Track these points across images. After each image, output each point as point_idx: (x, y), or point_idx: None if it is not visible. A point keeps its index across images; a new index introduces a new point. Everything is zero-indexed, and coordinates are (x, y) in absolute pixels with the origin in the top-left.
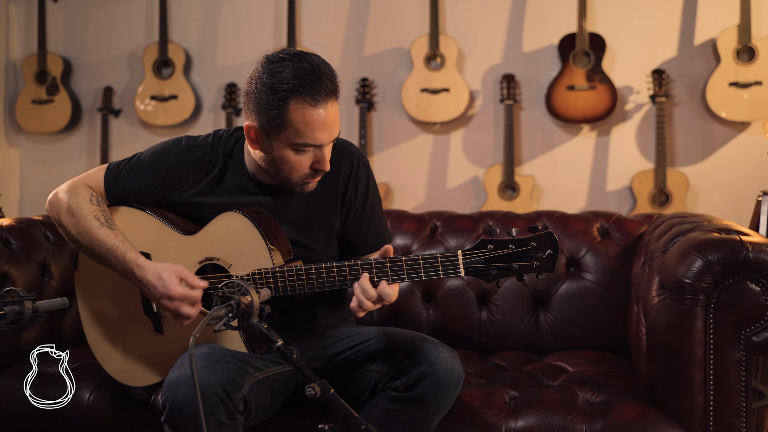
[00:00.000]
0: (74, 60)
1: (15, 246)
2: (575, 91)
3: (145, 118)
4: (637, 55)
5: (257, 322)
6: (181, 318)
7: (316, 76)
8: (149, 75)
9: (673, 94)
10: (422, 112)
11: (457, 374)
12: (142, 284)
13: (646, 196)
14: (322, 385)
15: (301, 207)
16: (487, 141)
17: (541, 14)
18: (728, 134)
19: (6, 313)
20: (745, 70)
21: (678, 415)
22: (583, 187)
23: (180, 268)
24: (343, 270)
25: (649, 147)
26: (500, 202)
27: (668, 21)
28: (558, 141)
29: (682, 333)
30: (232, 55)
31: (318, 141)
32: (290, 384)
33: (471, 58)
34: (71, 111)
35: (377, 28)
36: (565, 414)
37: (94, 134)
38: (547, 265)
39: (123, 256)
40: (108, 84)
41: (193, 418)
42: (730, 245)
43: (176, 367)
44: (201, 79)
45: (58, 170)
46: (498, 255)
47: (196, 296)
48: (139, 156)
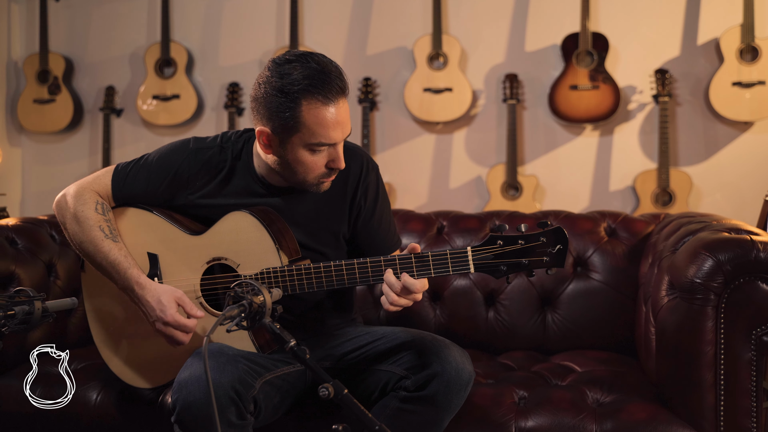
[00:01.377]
0: (76, 59)
1: (21, 246)
2: (578, 91)
3: (147, 117)
4: (640, 54)
5: (270, 322)
6: (173, 344)
7: (325, 75)
8: (151, 74)
9: (676, 93)
10: (425, 112)
11: (468, 374)
12: (140, 303)
13: (649, 196)
14: (335, 385)
15: (309, 210)
16: (489, 140)
17: (544, 14)
18: (731, 134)
19: (16, 313)
20: (748, 69)
21: (688, 415)
22: (586, 187)
23: (180, 294)
24: (352, 268)
25: (652, 147)
26: (503, 202)
27: (671, 20)
28: (561, 141)
29: (693, 333)
30: (235, 54)
31: (332, 139)
32: (299, 384)
33: (474, 57)
34: (73, 110)
35: (380, 27)
36: (575, 414)
37: (95, 134)
38: (558, 260)
39: (125, 272)
40: (110, 83)
41: (203, 418)
42: (741, 245)
43: (186, 367)
44: (203, 78)
45: (60, 170)
46: (507, 251)
47: (191, 326)
48: (147, 157)
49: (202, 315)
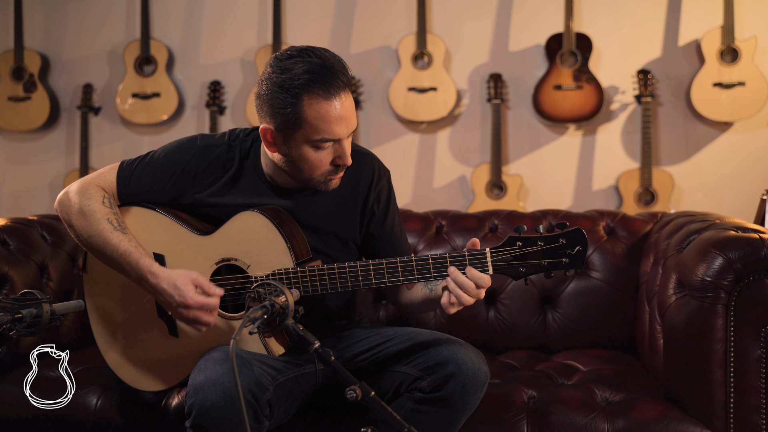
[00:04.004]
0: (52, 56)
1: (13, 247)
2: (562, 91)
3: (126, 116)
4: (623, 55)
5: (293, 324)
6: (199, 326)
7: (326, 69)
8: (131, 72)
9: (658, 94)
10: (410, 111)
11: (484, 374)
12: (156, 292)
13: (632, 195)
14: (362, 387)
15: (318, 212)
16: (473, 140)
17: (528, 14)
18: (712, 134)
19: (23, 317)
20: (728, 70)
21: (699, 413)
22: (569, 187)
23: (195, 275)
24: (367, 269)
25: (634, 146)
26: (488, 202)
27: (653, 22)
28: (545, 140)
29: (703, 331)
30: (216, 52)
31: (336, 135)
32: (308, 387)
33: (458, 57)
34: (49, 109)
35: (364, 26)
36: (586, 413)
37: (73, 132)
38: (577, 261)
39: (136, 262)
40: (88, 81)
41: (222, 422)
42: (750, 243)
43: (200, 370)
44: (184, 76)
45: (36, 169)
46: (527, 252)
47: (213, 304)
48: (153, 154)
49: (222, 292)
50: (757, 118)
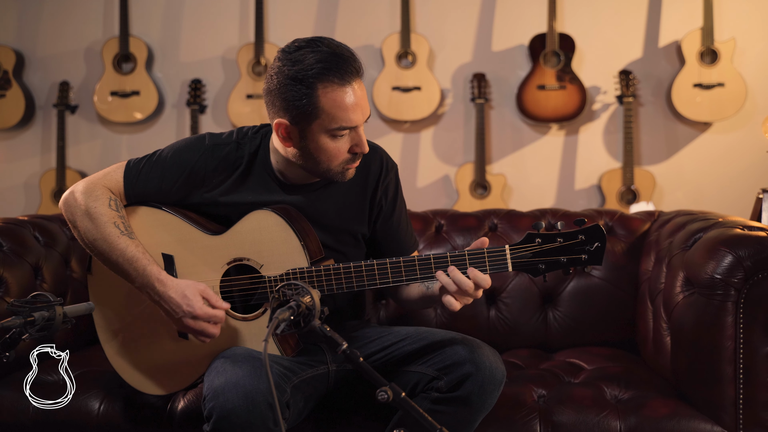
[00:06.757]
0: (27, 53)
1: (6, 248)
2: (545, 91)
3: (105, 114)
4: (604, 55)
5: (320, 325)
6: (203, 338)
7: (338, 57)
8: (109, 70)
9: (639, 94)
10: (394, 111)
11: (501, 373)
12: (163, 300)
13: (614, 195)
14: (393, 388)
15: (328, 208)
16: (457, 140)
17: (511, 14)
18: (691, 134)
19: (35, 320)
20: (708, 72)
21: (709, 409)
22: (552, 186)
23: (203, 287)
24: (384, 267)
25: (616, 146)
26: (472, 201)
27: (634, 23)
28: (528, 140)
29: (713, 328)
30: (197, 50)
31: (353, 122)
32: (321, 388)
33: (441, 56)
34: (24, 106)
35: (346, 25)
36: (598, 411)
37: (48, 131)
38: (596, 257)
39: (144, 268)
40: (64, 79)
41: (244, 426)
42: (759, 241)
43: (219, 373)
44: (163, 74)
45: (11, 168)
46: (546, 249)
47: (220, 316)
48: (160, 153)
49: (228, 306)
50: (735, 118)
